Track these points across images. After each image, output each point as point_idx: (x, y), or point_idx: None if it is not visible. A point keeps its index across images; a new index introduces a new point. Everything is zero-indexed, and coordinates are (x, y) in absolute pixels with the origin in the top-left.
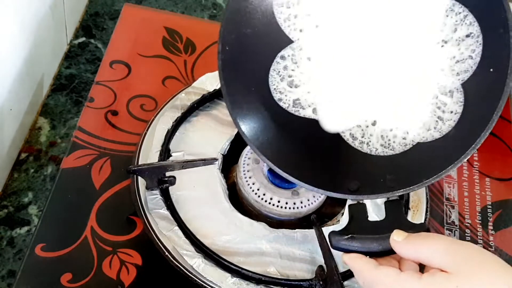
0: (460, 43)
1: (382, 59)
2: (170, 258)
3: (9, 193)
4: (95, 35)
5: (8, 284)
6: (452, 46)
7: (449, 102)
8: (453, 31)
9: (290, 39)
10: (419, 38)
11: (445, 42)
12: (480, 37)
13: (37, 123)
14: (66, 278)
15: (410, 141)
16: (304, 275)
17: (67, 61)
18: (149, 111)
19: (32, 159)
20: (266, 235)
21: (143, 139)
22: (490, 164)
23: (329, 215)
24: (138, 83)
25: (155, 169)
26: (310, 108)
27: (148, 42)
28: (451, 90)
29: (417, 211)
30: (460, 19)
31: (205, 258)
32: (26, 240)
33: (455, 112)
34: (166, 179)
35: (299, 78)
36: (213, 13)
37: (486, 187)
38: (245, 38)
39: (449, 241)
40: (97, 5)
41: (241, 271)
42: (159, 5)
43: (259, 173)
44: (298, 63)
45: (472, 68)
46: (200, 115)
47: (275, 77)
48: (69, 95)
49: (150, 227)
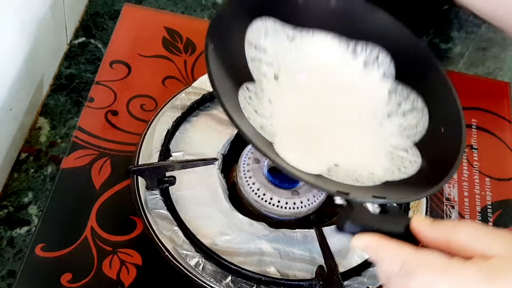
0: (405, 114)
1: (336, 118)
2: (170, 258)
3: (9, 193)
4: (95, 35)
5: (8, 284)
6: (398, 117)
7: (405, 155)
8: (398, 106)
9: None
10: (366, 111)
11: (389, 116)
12: (425, 109)
13: (37, 123)
14: (66, 278)
15: (378, 180)
16: (304, 275)
17: (67, 61)
18: (149, 111)
19: (32, 159)
20: (266, 235)
21: (143, 139)
22: (490, 164)
23: (329, 215)
24: (138, 83)
25: (155, 169)
26: (275, 137)
27: (148, 42)
28: (405, 148)
29: (417, 211)
30: (404, 97)
31: (205, 258)
32: (26, 240)
33: (414, 161)
34: (166, 179)
35: (262, 111)
36: (213, 13)
37: (486, 187)
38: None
39: (483, 225)
40: (97, 5)
41: (241, 271)
42: (159, 5)
43: (259, 173)
44: (261, 101)
45: (422, 132)
46: (200, 115)
47: (243, 100)
48: (69, 95)
49: (150, 227)
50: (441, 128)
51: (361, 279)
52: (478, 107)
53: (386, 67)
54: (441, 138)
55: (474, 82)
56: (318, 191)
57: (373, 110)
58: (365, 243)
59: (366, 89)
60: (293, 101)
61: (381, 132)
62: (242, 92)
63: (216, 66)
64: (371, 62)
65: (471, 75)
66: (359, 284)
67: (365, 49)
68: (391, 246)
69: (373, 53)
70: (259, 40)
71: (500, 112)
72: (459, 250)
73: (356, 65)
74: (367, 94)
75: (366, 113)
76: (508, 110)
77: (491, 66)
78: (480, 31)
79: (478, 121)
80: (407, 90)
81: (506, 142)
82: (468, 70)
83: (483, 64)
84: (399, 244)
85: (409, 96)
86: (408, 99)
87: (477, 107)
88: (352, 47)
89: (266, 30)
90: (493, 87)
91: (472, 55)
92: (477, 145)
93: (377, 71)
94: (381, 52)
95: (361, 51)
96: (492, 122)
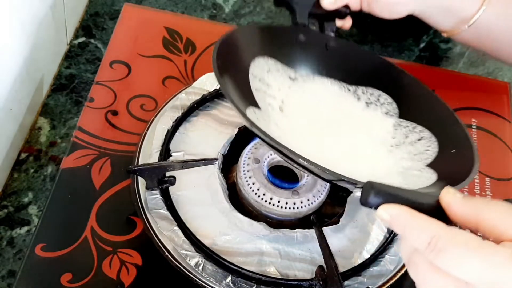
0: (414, 144)
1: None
2: (170, 258)
3: (9, 193)
4: (95, 35)
5: (8, 284)
6: (406, 146)
7: (419, 174)
8: (405, 138)
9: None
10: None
11: (398, 145)
12: (432, 137)
13: (37, 123)
14: (66, 278)
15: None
16: (304, 275)
17: (67, 61)
18: (149, 111)
19: (32, 159)
20: (266, 235)
21: (143, 139)
22: (490, 164)
23: (329, 215)
24: (138, 83)
25: (155, 169)
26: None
27: (148, 42)
28: (418, 169)
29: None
30: (409, 130)
31: (205, 258)
32: (26, 240)
33: (429, 177)
34: (166, 179)
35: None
36: (213, 13)
37: (486, 187)
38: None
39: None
40: (97, 5)
41: (241, 271)
42: (159, 5)
43: (259, 173)
44: (268, 124)
45: (432, 156)
46: (200, 115)
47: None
48: (69, 95)
49: (150, 227)
50: (452, 150)
51: (361, 279)
52: (478, 107)
53: (388, 107)
54: (453, 158)
55: (474, 82)
56: (318, 191)
57: (381, 140)
58: (392, 215)
59: (372, 122)
60: (301, 131)
61: (391, 157)
62: (251, 113)
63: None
64: (373, 102)
65: (471, 75)
66: (359, 284)
67: (366, 92)
68: (421, 220)
69: (374, 96)
70: (263, 74)
71: (500, 112)
72: (489, 228)
73: (359, 105)
74: (373, 126)
75: (374, 143)
76: (508, 110)
77: (491, 66)
78: None
79: (478, 121)
80: (412, 124)
81: (506, 142)
82: (468, 70)
83: (483, 64)
84: (429, 218)
85: (415, 129)
86: (413, 131)
87: (477, 107)
88: (353, 90)
89: (269, 68)
90: (493, 87)
91: (472, 55)
92: (477, 145)
93: (381, 110)
94: (381, 95)
95: (362, 93)
96: (492, 122)
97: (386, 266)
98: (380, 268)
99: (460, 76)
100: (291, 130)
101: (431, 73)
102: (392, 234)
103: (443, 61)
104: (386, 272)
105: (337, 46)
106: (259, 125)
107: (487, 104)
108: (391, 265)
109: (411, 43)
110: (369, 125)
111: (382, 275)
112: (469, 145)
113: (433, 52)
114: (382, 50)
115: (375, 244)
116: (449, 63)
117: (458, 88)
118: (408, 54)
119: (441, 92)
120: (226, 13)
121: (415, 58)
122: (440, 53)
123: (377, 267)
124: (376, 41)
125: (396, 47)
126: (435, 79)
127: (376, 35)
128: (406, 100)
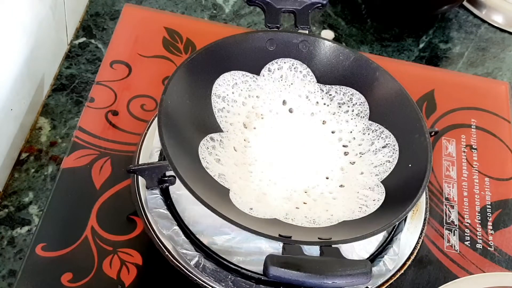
0: (377, 153)
1: (300, 165)
2: (170, 258)
3: (9, 193)
4: (95, 35)
5: (8, 283)
6: (369, 155)
7: (370, 194)
8: (371, 144)
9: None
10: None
11: (362, 154)
12: (396, 145)
13: (38, 123)
14: (66, 277)
15: (336, 220)
16: None
17: (68, 61)
18: (149, 111)
19: (33, 159)
20: None
21: (144, 139)
22: (490, 164)
23: None
24: (138, 83)
25: (155, 168)
26: (235, 184)
27: (148, 42)
28: (372, 187)
29: (416, 211)
30: (377, 135)
31: (205, 258)
32: (27, 239)
33: (377, 199)
34: (166, 179)
35: (225, 160)
36: (213, 13)
37: (486, 187)
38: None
39: None
40: (97, 5)
41: (240, 270)
42: (159, 5)
43: None
44: (225, 149)
45: (390, 168)
46: None
47: (204, 150)
48: (69, 95)
49: (150, 226)
50: (409, 164)
51: None
52: (477, 107)
53: (360, 108)
54: (408, 174)
55: (473, 82)
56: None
57: (346, 149)
58: None
59: (340, 129)
60: (262, 146)
61: (351, 172)
62: (204, 143)
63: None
64: (346, 103)
65: (471, 75)
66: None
67: (339, 91)
68: None
69: (346, 95)
70: (228, 91)
71: (500, 112)
72: None
73: (330, 106)
74: (341, 134)
75: (337, 154)
76: (507, 110)
77: (490, 66)
78: (479, 31)
79: (477, 121)
80: (380, 128)
81: (506, 142)
82: (468, 70)
83: (483, 64)
84: None
85: (382, 133)
86: (380, 137)
87: (476, 107)
88: (327, 90)
89: (235, 82)
90: (493, 87)
91: (472, 55)
92: (477, 145)
93: (351, 112)
94: (354, 94)
95: (336, 93)
96: (492, 122)
97: (386, 266)
98: (379, 268)
99: (460, 76)
100: (251, 149)
101: (431, 73)
102: (391, 234)
103: (442, 61)
104: (385, 272)
105: (310, 45)
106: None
107: (487, 104)
108: (391, 265)
109: (411, 43)
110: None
111: (381, 275)
112: (425, 158)
113: (433, 52)
114: (381, 50)
115: (374, 244)
116: (448, 63)
117: (457, 88)
118: (408, 54)
119: (440, 92)
120: (226, 14)
121: (414, 58)
122: (440, 53)
123: (377, 267)
124: (376, 41)
125: (395, 47)
126: (435, 79)
127: (376, 35)
128: (377, 99)
